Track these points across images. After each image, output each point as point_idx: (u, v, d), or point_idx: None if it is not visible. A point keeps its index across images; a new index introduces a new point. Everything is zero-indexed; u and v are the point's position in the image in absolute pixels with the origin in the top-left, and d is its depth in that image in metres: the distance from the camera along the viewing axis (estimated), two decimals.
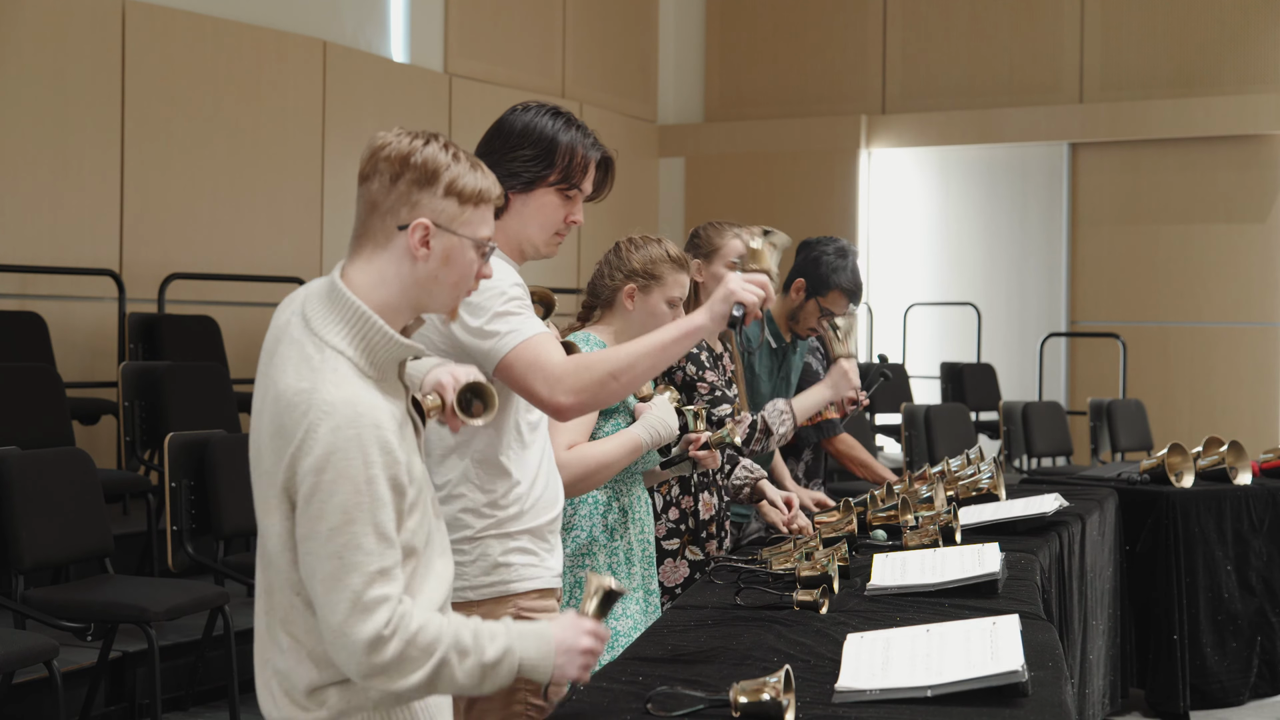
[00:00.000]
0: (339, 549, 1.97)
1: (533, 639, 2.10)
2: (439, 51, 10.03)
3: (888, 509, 3.96)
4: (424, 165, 2.09)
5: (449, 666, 2.02)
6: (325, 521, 1.97)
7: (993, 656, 2.36)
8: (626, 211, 11.75)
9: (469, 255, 2.13)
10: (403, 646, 1.98)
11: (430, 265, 2.10)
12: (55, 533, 4.79)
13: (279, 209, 8.59)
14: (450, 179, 2.10)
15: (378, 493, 1.98)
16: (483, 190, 2.13)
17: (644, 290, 3.34)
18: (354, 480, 1.97)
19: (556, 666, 2.11)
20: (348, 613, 1.96)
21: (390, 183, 2.08)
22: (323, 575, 1.97)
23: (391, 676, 1.99)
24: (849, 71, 12.15)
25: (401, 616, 1.98)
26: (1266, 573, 5.86)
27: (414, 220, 2.08)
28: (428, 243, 2.09)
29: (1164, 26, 11.11)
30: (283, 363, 2.05)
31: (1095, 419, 9.28)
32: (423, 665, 2.00)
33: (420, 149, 2.09)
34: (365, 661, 1.97)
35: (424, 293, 2.11)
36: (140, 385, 6.35)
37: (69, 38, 7.41)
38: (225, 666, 5.03)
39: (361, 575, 1.96)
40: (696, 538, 3.67)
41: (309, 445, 1.97)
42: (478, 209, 2.13)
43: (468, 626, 2.05)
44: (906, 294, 11.77)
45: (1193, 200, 11.02)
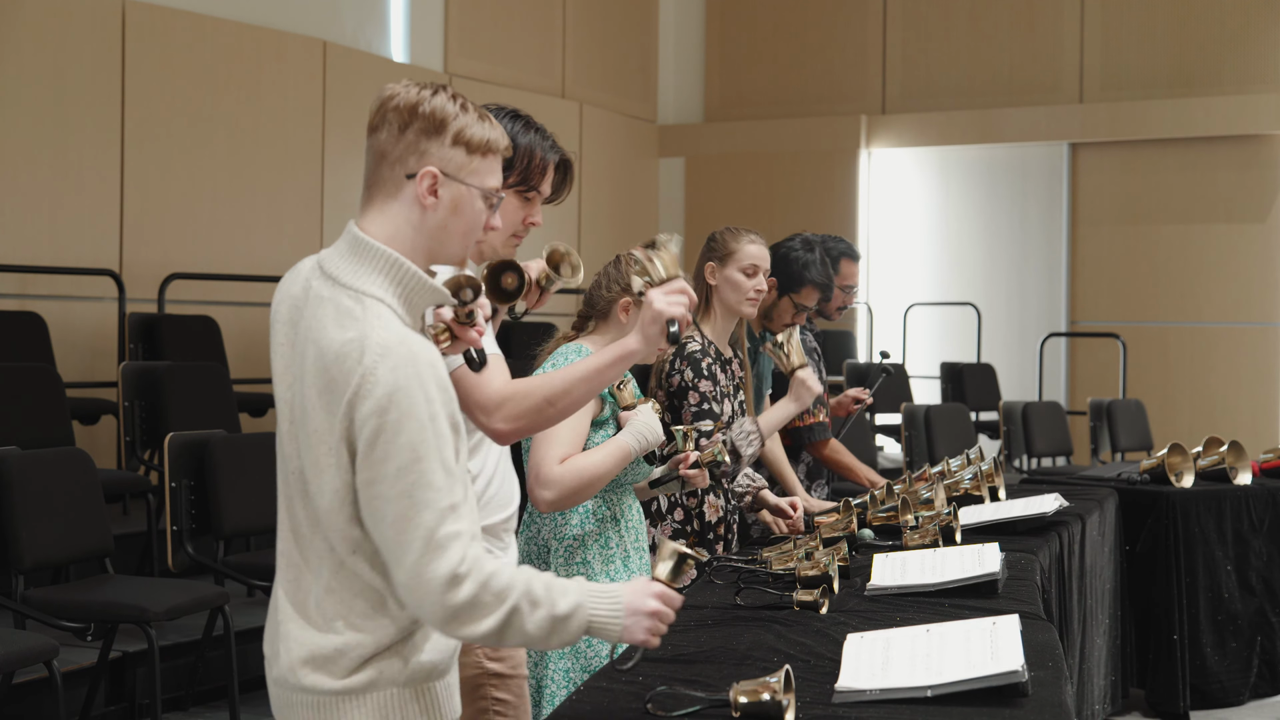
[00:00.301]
0: (409, 487, 1.96)
1: (604, 598, 2.10)
2: (439, 51, 10.03)
3: (888, 509, 3.96)
4: (432, 114, 2.11)
5: (520, 615, 2.00)
6: (393, 461, 1.96)
7: (993, 656, 2.36)
8: (626, 212, 11.77)
9: (477, 205, 2.15)
10: (477, 589, 1.97)
11: (439, 214, 2.12)
12: (55, 533, 4.79)
13: (279, 209, 8.59)
14: (458, 128, 2.12)
15: (441, 429, 1.99)
16: (490, 140, 2.15)
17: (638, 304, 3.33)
18: (418, 417, 1.97)
19: (624, 628, 2.11)
20: (422, 550, 1.95)
21: (399, 132, 2.11)
22: (393, 517, 1.96)
23: (465, 620, 1.98)
24: (849, 71, 12.15)
25: (476, 558, 1.98)
26: (1266, 573, 5.86)
27: (422, 168, 2.10)
28: (436, 191, 2.10)
29: (1164, 26, 11.11)
30: (318, 322, 2.04)
31: (1095, 419, 9.28)
32: (495, 611, 1.98)
33: (428, 99, 2.12)
34: (442, 601, 1.95)
35: (435, 242, 2.13)
36: (140, 385, 6.35)
37: (69, 38, 7.42)
38: (225, 666, 5.03)
39: (434, 512, 1.96)
40: (703, 539, 3.67)
41: (367, 389, 1.97)
42: (485, 159, 2.15)
43: (539, 578, 2.05)
44: (906, 294, 11.77)
45: (1193, 200, 11.02)
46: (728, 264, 3.93)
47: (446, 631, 2.01)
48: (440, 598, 1.96)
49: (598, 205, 11.46)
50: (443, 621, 1.99)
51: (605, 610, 2.09)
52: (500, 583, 1.99)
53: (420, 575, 1.96)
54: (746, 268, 3.89)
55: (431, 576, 1.95)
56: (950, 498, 4.25)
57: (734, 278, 3.91)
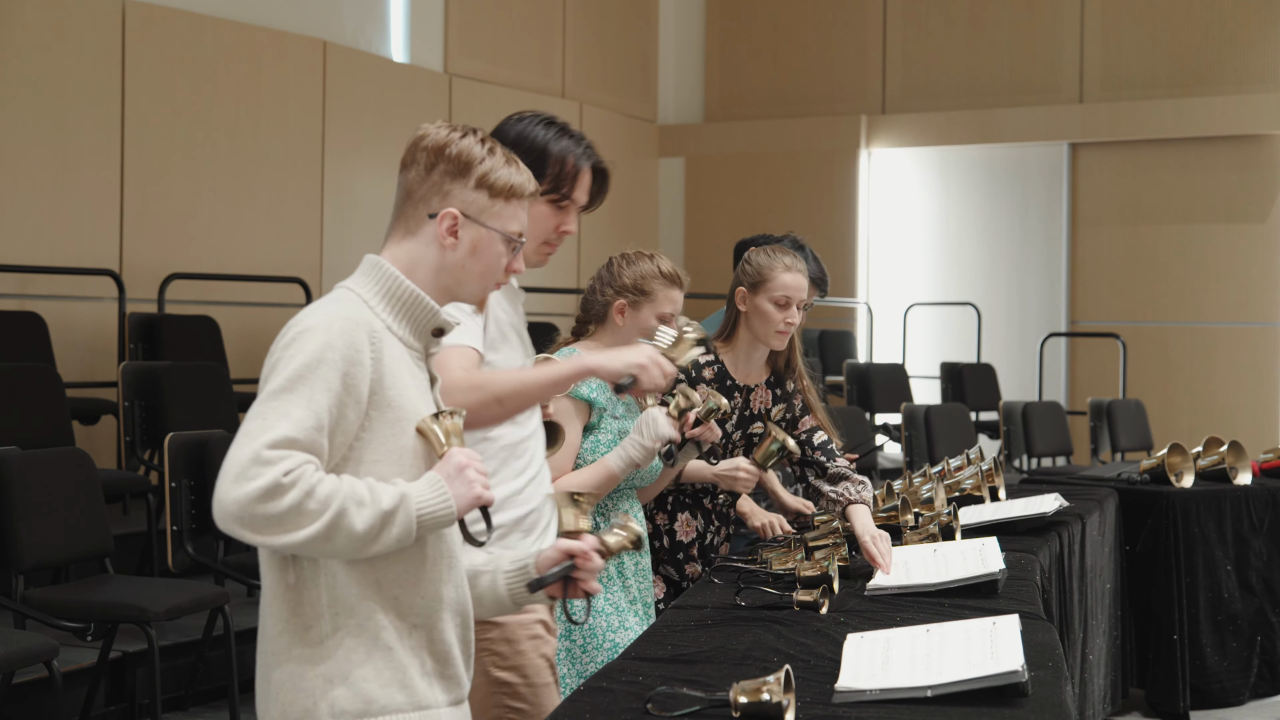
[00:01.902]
0: (266, 411, 1.97)
1: (422, 483, 2.06)
2: (439, 51, 10.03)
3: (888, 509, 3.96)
4: (458, 156, 2.16)
5: (346, 517, 1.96)
6: (269, 388, 1.99)
7: (993, 656, 2.36)
8: (627, 212, 11.76)
9: (497, 248, 2.19)
10: (300, 497, 1.93)
11: (458, 255, 2.17)
12: (55, 533, 4.79)
13: (279, 209, 8.58)
14: (483, 172, 2.16)
15: (327, 375, 2.00)
16: (515, 185, 2.19)
17: (634, 306, 3.34)
18: (309, 355, 2.00)
19: (456, 498, 2.07)
20: (248, 464, 1.93)
21: (425, 172, 2.17)
22: (241, 434, 1.96)
23: (286, 528, 1.94)
24: (849, 71, 12.15)
25: (304, 470, 1.95)
26: (1266, 573, 5.86)
27: (443, 209, 2.15)
28: (456, 232, 2.16)
29: (1164, 26, 11.11)
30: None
31: (1095, 419, 9.28)
32: (320, 517, 1.95)
33: (456, 141, 2.17)
34: (254, 511, 1.92)
35: (453, 280, 2.18)
36: (140, 385, 6.35)
37: (69, 38, 7.41)
38: (225, 666, 5.03)
39: (274, 435, 1.94)
40: (672, 558, 3.63)
41: (285, 334, 2.04)
42: (509, 203, 2.19)
43: (361, 481, 2.02)
44: (906, 294, 11.77)
45: (1193, 200, 11.02)
46: (759, 291, 3.65)
47: (261, 541, 1.95)
48: (254, 507, 1.92)
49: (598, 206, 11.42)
50: (257, 530, 1.93)
51: (429, 493, 2.05)
52: (326, 489, 1.96)
53: (239, 488, 1.92)
54: (778, 298, 3.61)
55: (251, 488, 1.91)
56: (950, 498, 4.25)
57: (764, 308, 3.64)
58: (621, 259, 3.40)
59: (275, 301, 8.40)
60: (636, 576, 3.27)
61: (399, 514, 2.02)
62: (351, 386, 2.02)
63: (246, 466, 1.93)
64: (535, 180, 2.23)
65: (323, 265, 8.80)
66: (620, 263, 3.39)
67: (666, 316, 3.34)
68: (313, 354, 2.00)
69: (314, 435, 1.98)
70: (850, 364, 10.15)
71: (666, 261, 3.41)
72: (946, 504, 3.93)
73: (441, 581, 2.14)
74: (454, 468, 2.07)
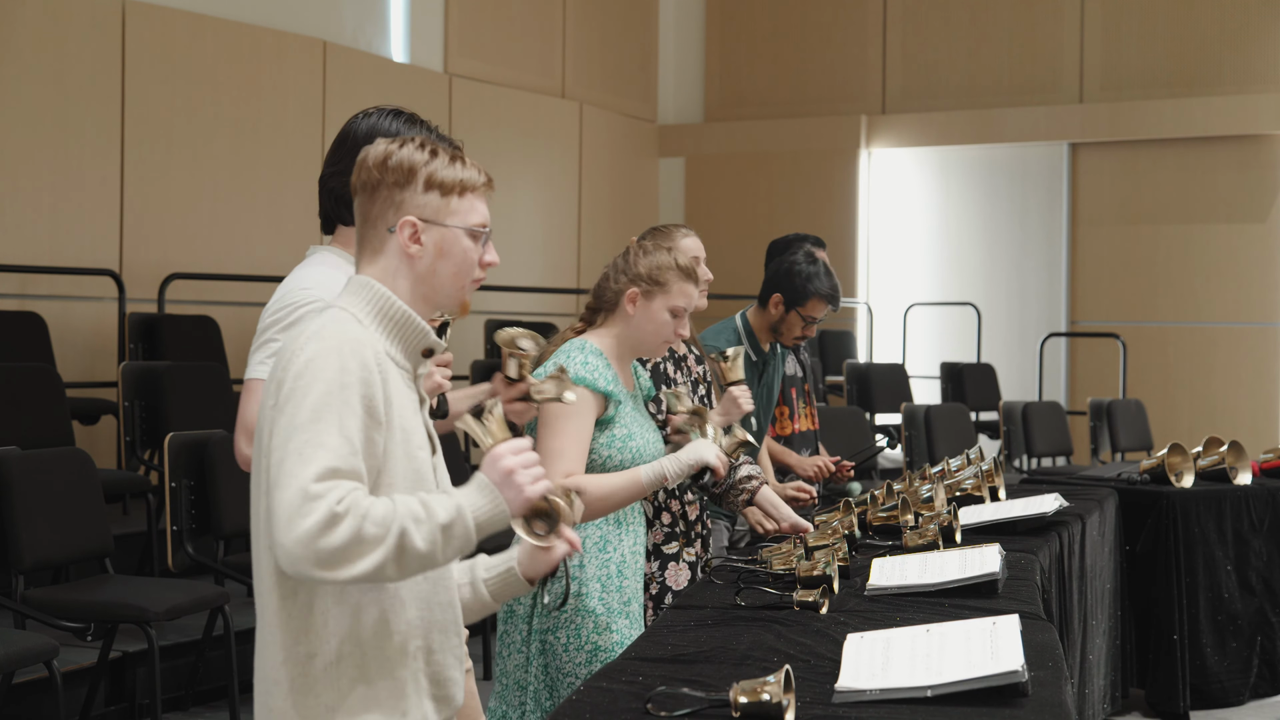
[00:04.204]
0: (301, 445, 1.96)
1: (472, 489, 2.05)
2: (439, 51, 10.03)
3: (888, 509, 3.96)
4: (399, 166, 2.14)
5: (408, 537, 1.96)
6: (294, 422, 1.97)
7: (993, 656, 2.36)
8: (626, 212, 11.77)
9: (463, 243, 2.17)
10: (359, 523, 1.93)
11: (426, 260, 2.15)
12: (55, 533, 4.79)
13: (279, 209, 8.58)
14: (428, 174, 2.15)
15: (349, 399, 2.00)
16: (464, 179, 2.17)
17: (646, 296, 3.29)
18: (329, 382, 1.99)
19: (508, 501, 2.06)
20: (299, 503, 1.92)
21: (372, 192, 2.15)
22: (282, 476, 1.95)
23: (352, 559, 1.93)
24: (849, 71, 12.15)
25: (354, 497, 1.95)
26: (1266, 573, 5.86)
27: (400, 219, 2.13)
28: (419, 238, 2.14)
29: (1164, 26, 11.11)
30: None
31: (1095, 419, 9.28)
32: (383, 542, 1.94)
33: (395, 152, 2.16)
34: (318, 546, 1.91)
35: (428, 287, 2.16)
36: (140, 385, 6.35)
37: (69, 38, 7.41)
38: (225, 666, 5.03)
39: (316, 468, 1.94)
40: (689, 538, 3.65)
41: (293, 361, 2.02)
42: (463, 198, 2.17)
43: (413, 498, 2.02)
44: (906, 294, 11.77)
45: (1193, 200, 11.02)
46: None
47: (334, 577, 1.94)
48: (316, 543, 1.91)
49: (598, 205, 11.46)
50: (326, 567, 1.93)
51: (480, 498, 2.05)
52: (380, 511, 1.95)
53: (295, 526, 1.91)
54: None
55: (308, 525, 1.91)
56: (950, 498, 4.25)
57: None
58: (639, 247, 3.35)
59: None
60: (634, 575, 3.25)
61: (457, 525, 2.01)
62: (371, 408, 2.03)
63: (298, 505, 1.92)
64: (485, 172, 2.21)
65: None
66: (637, 251, 3.34)
67: (679, 310, 3.30)
68: (331, 378, 1.99)
69: (352, 461, 1.98)
70: (850, 364, 10.15)
71: (685, 254, 3.36)
72: (946, 504, 3.93)
73: (437, 603, 2.15)
74: (501, 472, 2.06)
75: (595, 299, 3.37)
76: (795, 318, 4.39)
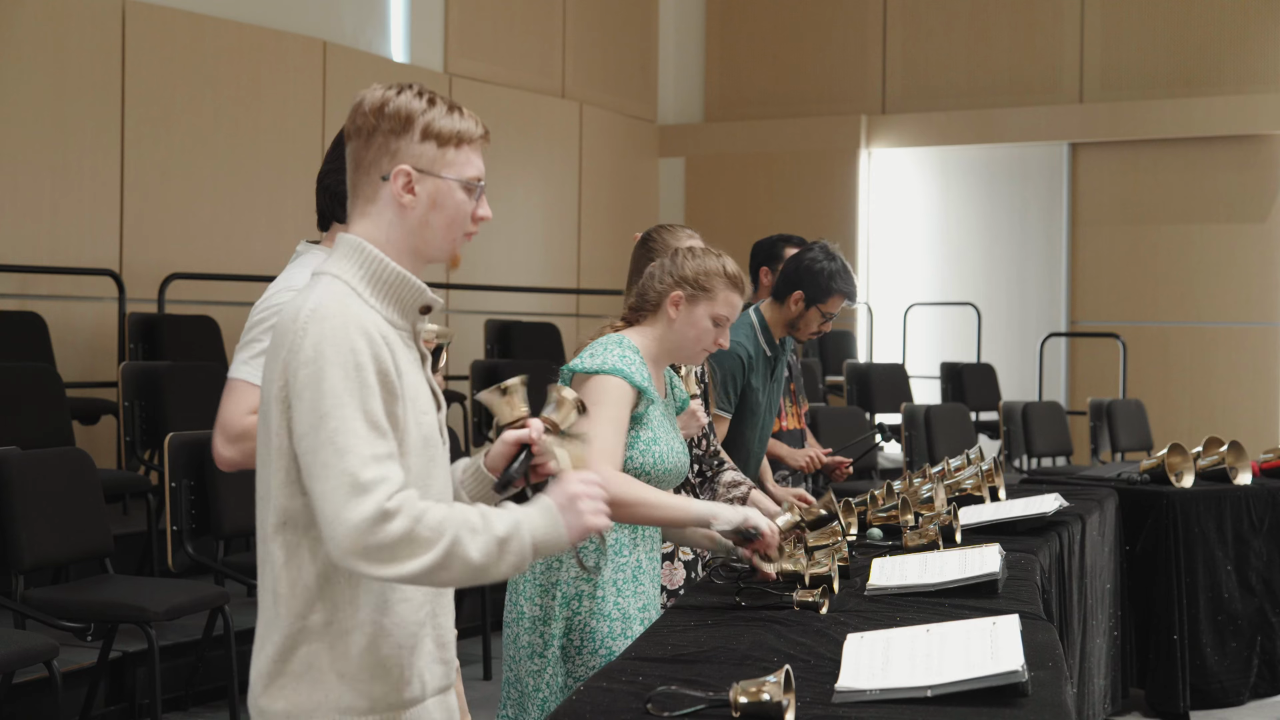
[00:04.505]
0: (331, 434, 1.94)
1: (535, 510, 2.06)
2: (439, 51, 10.03)
3: (888, 509, 3.96)
4: (397, 113, 2.10)
5: (461, 545, 1.96)
6: (317, 409, 1.96)
7: (993, 656, 2.36)
8: (626, 212, 11.76)
9: (457, 196, 2.14)
10: (410, 524, 1.93)
11: (419, 211, 2.12)
12: (55, 533, 4.79)
13: (279, 209, 8.58)
14: (425, 123, 2.11)
15: (367, 379, 1.98)
16: (461, 131, 2.14)
17: (691, 301, 3.20)
18: (342, 365, 1.97)
19: (568, 526, 2.07)
20: (347, 495, 1.92)
21: (367, 137, 2.11)
22: (318, 467, 1.94)
23: (400, 558, 1.93)
24: (849, 71, 12.15)
25: (406, 497, 1.95)
26: (1266, 573, 5.86)
27: (395, 168, 2.10)
28: (412, 188, 2.11)
29: (1164, 26, 11.11)
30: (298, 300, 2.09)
31: (1095, 419, 9.28)
32: (435, 545, 1.94)
33: (393, 98, 2.11)
34: (368, 541, 1.91)
35: (418, 239, 2.13)
36: (140, 385, 6.35)
37: (69, 38, 7.42)
38: (225, 666, 5.03)
39: (357, 457, 1.94)
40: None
41: (300, 344, 1.99)
42: (460, 149, 2.14)
43: (472, 509, 2.02)
44: (906, 294, 11.77)
45: (1193, 200, 11.02)
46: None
47: (381, 573, 1.94)
48: (366, 537, 1.91)
49: (598, 205, 11.45)
50: (372, 561, 1.93)
51: (541, 519, 2.05)
52: (436, 516, 1.96)
53: (342, 518, 1.92)
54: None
55: (356, 516, 1.91)
56: (950, 498, 4.25)
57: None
58: (688, 251, 3.28)
59: None
60: (651, 581, 3.23)
61: (513, 541, 2.02)
62: (386, 382, 2.02)
63: (345, 498, 1.92)
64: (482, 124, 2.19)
65: None
66: (686, 254, 3.26)
67: (721, 318, 3.23)
68: (345, 360, 1.98)
69: (388, 444, 1.98)
70: (850, 364, 10.15)
71: (733, 263, 3.29)
72: (946, 504, 3.93)
73: None
74: (566, 497, 2.07)
75: (639, 298, 3.29)
76: (815, 313, 4.45)
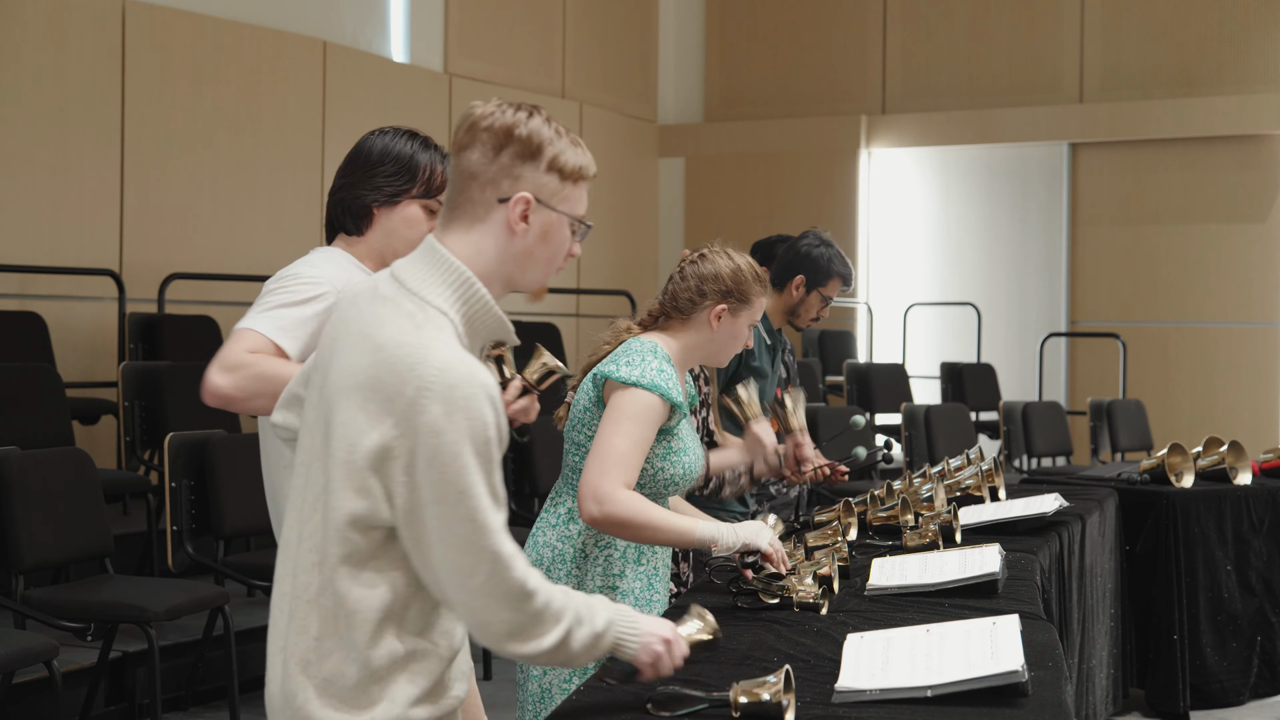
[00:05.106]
0: (470, 512, 1.92)
1: (626, 620, 2.12)
2: (439, 51, 10.03)
3: (888, 509, 3.96)
4: (528, 139, 2.06)
5: (573, 634, 2.03)
6: (452, 484, 1.91)
7: (993, 656, 2.36)
8: (627, 212, 11.76)
9: (564, 232, 2.11)
10: (545, 602, 1.98)
11: (528, 240, 2.07)
12: (55, 533, 4.79)
13: (279, 209, 8.59)
14: (554, 154, 2.07)
15: (493, 455, 1.96)
16: (582, 167, 2.11)
17: (733, 312, 3.20)
18: (474, 440, 1.92)
19: (639, 663, 2.15)
20: (492, 566, 1.93)
21: (493, 154, 2.05)
22: (456, 539, 1.92)
23: (532, 635, 1.98)
24: (849, 71, 12.15)
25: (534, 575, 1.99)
26: (1266, 573, 5.86)
27: (516, 194, 2.05)
28: (527, 217, 2.06)
29: (1164, 26, 11.11)
30: (376, 319, 1.99)
31: (1095, 419, 9.28)
32: (557, 625, 2.00)
33: (524, 122, 2.06)
34: (516, 616, 1.96)
35: (518, 268, 2.09)
36: (140, 385, 6.35)
37: (69, 38, 7.42)
38: (225, 666, 5.03)
39: (495, 534, 1.94)
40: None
41: (425, 405, 1.91)
42: (576, 186, 2.11)
43: (580, 596, 2.07)
44: (906, 294, 11.77)
45: (1193, 200, 11.02)
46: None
47: (512, 647, 1.98)
48: (515, 612, 1.96)
49: (597, 205, 11.41)
50: (513, 634, 1.97)
51: (628, 633, 2.12)
52: (559, 600, 2.01)
53: (495, 591, 1.94)
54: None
55: (509, 590, 1.95)
56: (950, 498, 4.25)
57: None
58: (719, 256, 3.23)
59: None
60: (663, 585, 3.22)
61: (605, 639, 2.08)
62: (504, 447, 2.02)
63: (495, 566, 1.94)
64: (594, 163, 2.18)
65: None
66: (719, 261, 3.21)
67: (754, 322, 3.26)
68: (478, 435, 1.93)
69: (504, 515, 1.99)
70: (850, 364, 10.15)
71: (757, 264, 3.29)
72: (946, 504, 3.93)
73: None
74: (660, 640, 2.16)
75: (669, 304, 3.24)
76: (815, 297, 4.54)
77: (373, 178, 2.92)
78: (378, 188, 2.91)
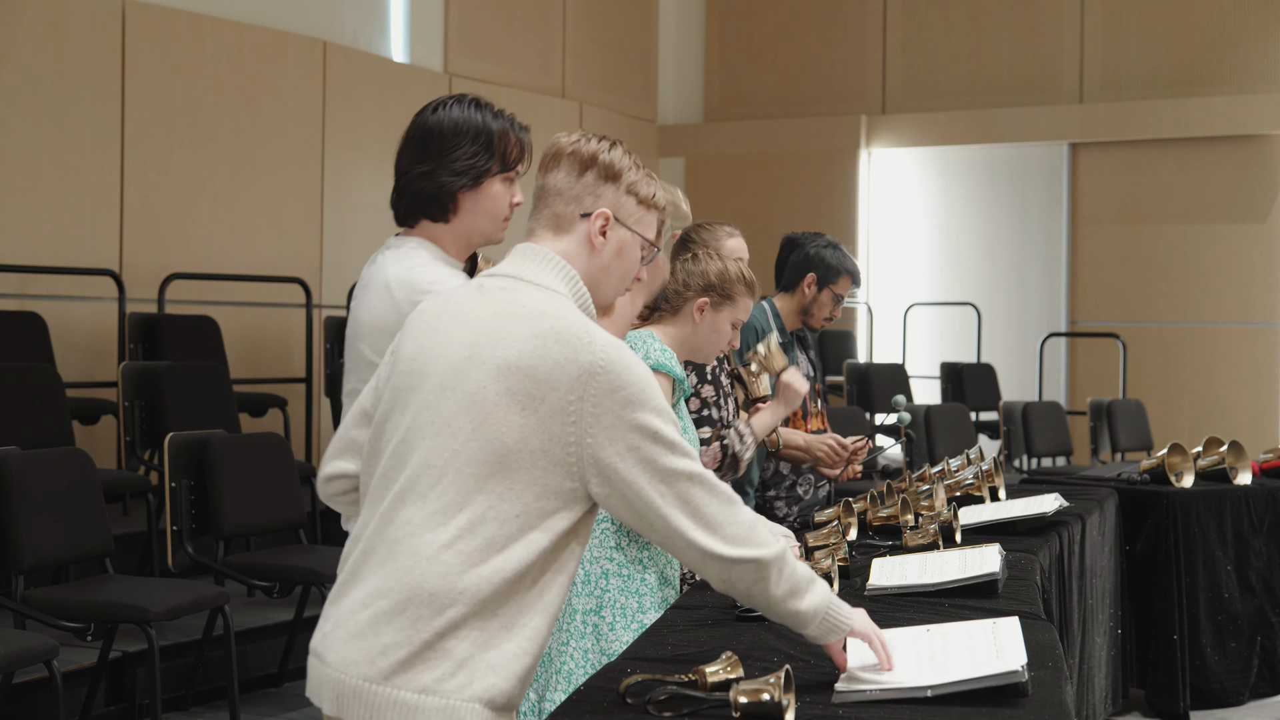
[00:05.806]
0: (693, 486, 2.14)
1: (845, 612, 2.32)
2: (439, 51, 10.03)
3: (888, 509, 3.96)
4: (610, 165, 2.26)
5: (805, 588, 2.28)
6: (680, 461, 2.12)
7: (993, 656, 2.36)
8: None
9: (636, 252, 2.29)
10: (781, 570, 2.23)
11: (604, 255, 2.25)
12: (55, 533, 4.79)
13: (279, 209, 8.59)
14: (631, 180, 2.27)
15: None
16: (654, 196, 2.31)
17: (715, 307, 3.39)
18: (665, 413, 2.14)
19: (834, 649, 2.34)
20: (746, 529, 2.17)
21: (578, 173, 2.25)
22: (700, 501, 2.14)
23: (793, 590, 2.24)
24: (849, 71, 12.15)
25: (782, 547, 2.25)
26: (1266, 573, 5.86)
27: (597, 209, 2.23)
28: (605, 232, 2.24)
29: (1164, 26, 11.11)
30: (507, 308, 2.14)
31: (1095, 419, 9.28)
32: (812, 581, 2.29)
33: (606, 150, 2.27)
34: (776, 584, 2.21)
35: (594, 283, 2.26)
36: (140, 385, 6.35)
37: (69, 38, 7.41)
38: (225, 666, 5.03)
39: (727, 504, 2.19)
40: None
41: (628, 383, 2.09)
42: (649, 212, 2.30)
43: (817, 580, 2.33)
44: (906, 294, 11.77)
45: (1193, 200, 11.02)
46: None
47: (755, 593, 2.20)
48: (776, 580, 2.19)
49: None
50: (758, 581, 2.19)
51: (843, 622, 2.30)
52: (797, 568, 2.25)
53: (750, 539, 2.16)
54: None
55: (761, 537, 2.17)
56: (950, 498, 4.25)
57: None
58: (708, 255, 3.43)
59: (275, 301, 8.40)
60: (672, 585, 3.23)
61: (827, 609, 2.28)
62: None
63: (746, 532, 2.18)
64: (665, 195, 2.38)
65: (323, 265, 8.79)
66: (707, 259, 3.42)
67: (738, 323, 3.43)
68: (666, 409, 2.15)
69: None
70: (850, 364, 10.15)
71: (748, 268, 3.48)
72: (946, 504, 3.93)
73: None
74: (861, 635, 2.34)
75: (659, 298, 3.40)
76: (828, 296, 4.60)
77: (452, 161, 2.79)
78: (460, 172, 2.79)
